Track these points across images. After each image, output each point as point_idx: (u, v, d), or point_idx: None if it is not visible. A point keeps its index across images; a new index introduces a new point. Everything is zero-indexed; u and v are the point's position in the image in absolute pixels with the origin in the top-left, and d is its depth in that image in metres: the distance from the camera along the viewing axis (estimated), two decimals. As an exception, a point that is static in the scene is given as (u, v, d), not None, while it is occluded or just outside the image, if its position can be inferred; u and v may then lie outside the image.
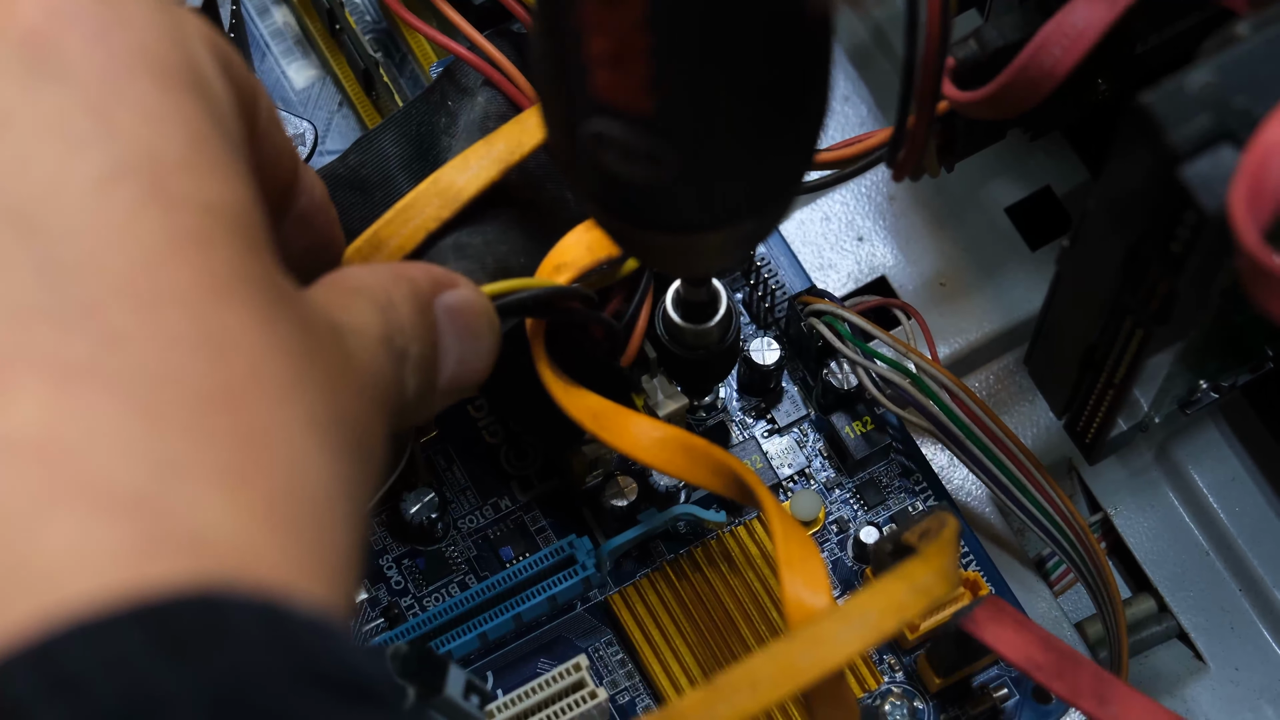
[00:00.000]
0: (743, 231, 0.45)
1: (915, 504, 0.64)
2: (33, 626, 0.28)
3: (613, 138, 0.41)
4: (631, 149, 0.41)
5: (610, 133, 0.41)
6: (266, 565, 0.31)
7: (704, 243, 0.45)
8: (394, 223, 0.55)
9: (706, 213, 0.44)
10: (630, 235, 0.46)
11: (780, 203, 0.46)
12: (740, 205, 0.44)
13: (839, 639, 0.46)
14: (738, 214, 0.44)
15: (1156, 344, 0.51)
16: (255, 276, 0.35)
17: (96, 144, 0.34)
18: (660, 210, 0.44)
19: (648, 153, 0.41)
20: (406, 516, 0.61)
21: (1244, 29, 0.44)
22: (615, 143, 0.41)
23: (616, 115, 0.40)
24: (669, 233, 0.45)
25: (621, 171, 0.42)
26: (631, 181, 0.42)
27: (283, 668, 0.29)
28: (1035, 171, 0.71)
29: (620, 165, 0.41)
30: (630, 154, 0.41)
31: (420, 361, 0.43)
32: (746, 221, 0.45)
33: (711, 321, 0.57)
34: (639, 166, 0.41)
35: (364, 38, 0.68)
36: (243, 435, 0.33)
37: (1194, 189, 0.43)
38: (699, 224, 0.44)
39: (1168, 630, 0.65)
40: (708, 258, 0.48)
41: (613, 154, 0.41)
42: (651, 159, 0.41)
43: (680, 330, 0.57)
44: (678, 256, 0.47)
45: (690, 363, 0.58)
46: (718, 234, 0.45)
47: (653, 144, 0.41)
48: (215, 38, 0.39)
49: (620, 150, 0.41)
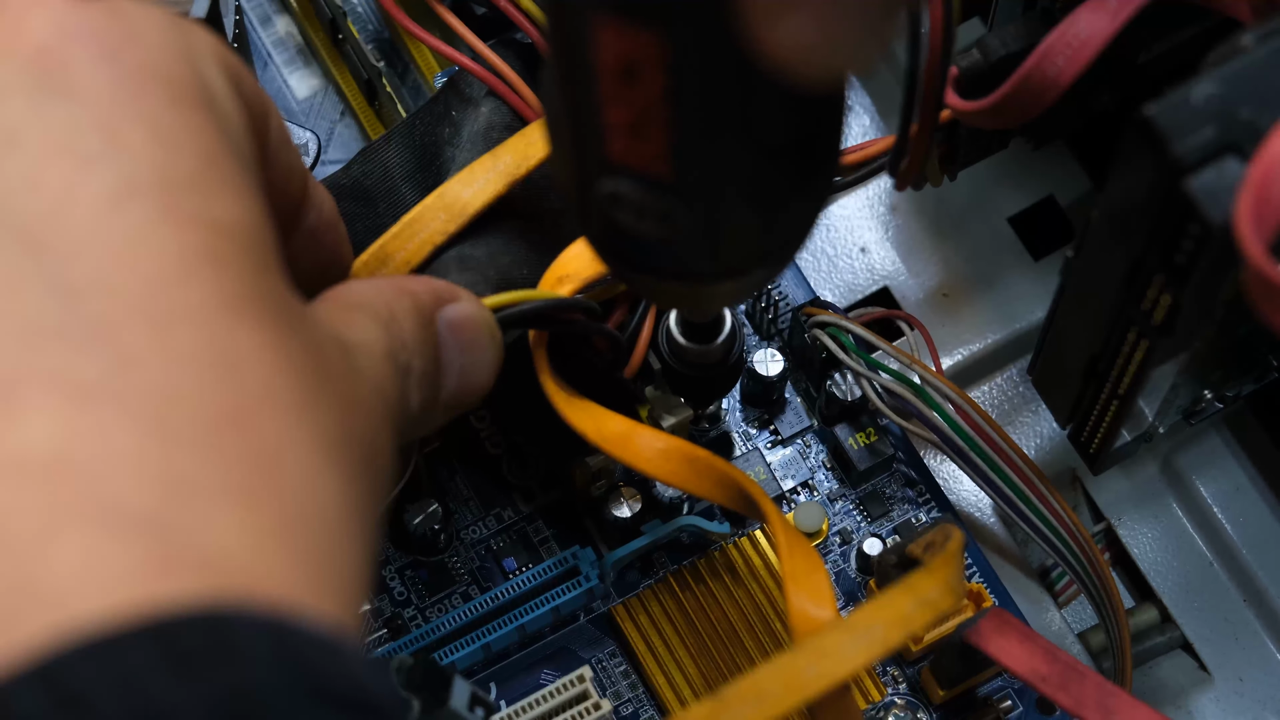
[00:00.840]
0: (752, 280, 0.45)
1: (919, 515, 0.64)
2: (41, 644, 0.28)
3: (627, 197, 0.41)
4: (646, 209, 0.41)
5: (624, 193, 0.41)
6: (276, 584, 0.31)
7: (713, 291, 0.45)
8: (400, 236, 0.55)
9: (717, 265, 0.44)
10: (639, 281, 0.46)
11: (790, 251, 0.46)
12: (750, 257, 0.44)
13: (845, 651, 0.46)
14: (747, 265, 0.44)
15: (1161, 355, 0.51)
16: (266, 295, 0.35)
17: (106, 162, 0.34)
18: (670, 262, 0.44)
19: (662, 213, 0.41)
20: (409, 527, 0.61)
21: (1249, 40, 0.44)
22: (629, 202, 0.41)
23: (632, 177, 0.40)
24: (677, 282, 0.45)
25: (633, 227, 0.42)
26: (644, 237, 0.42)
27: (290, 685, 0.29)
28: (1038, 181, 0.71)
29: (633, 222, 0.42)
30: (644, 213, 0.41)
31: (423, 376, 0.43)
32: (756, 272, 0.45)
33: (715, 342, 0.57)
34: (652, 224, 0.42)
35: (366, 47, 0.68)
36: (253, 455, 0.33)
37: (1198, 201, 0.43)
38: (709, 275, 0.44)
39: (1171, 641, 0.65)
40: (716, 302, 0.48)
41: (626, 212, 0.41)
42: (666, 219, 0.41)
43: (683, 350, 0.57)
44: (685, 300, 0.48)
45: (693, 379, 0.58)
46: (726, 284, 0.45)
47: (667, 205, 0.41)
48: (225, 53, 0.39)
49: (634, 209, 0.41)
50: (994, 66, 0.54)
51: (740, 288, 0.46)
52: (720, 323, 0.57)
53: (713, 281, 0.45)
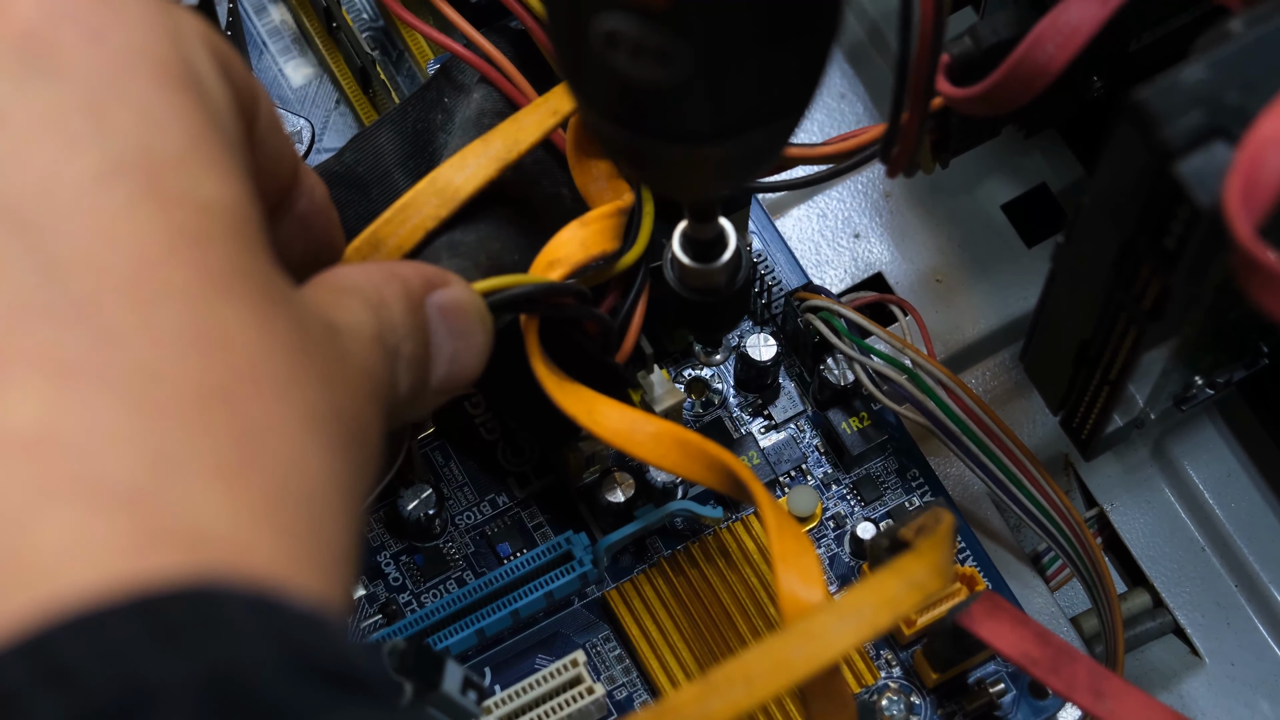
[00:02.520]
0: (749, 144, 0.44)
1: (912, 500, 0.65)
2: (27, 618, 0.28)
3: (624, 34, 0.40)
4: (643, 46, 0.40)
5: (622, 29, 0.40)
6: (262, 559, 0.32)
7: (710, 155, 0.44)
8: (392, 222, 0.55)
9: (715, 119, 0.43)
10: (635, 147, 0.45)
11: (788, 118, 0.45)
12: (748, 114, 0.43)
13: (833, 634, 0.46)
14: (745, 123, 0.44)
15: (1151, 340, 0.51)
16: (251, 274, 0.36)
17: (92, 141, 0.35)
18: (667, 116, 0.43)
19: (659, 49, 0.40)
20: (404, 513, 0.61)
21: (1237, 25, 0.45)
22: (626, 40, 0.40)
23: (629, 8, 0.40)
24: (675, 143, 0.44)
25: (631, 73, 0.41)
26: (641, 84, 0.41)
27: (276, 659, 0.30)
28: (1030, 168, 0.71)
29: (630, 65, 0.41)
30: (641, 52, 0.40)
31: (413, 359, 0.43)
32: (754, 132, 0.44)
33: (719, 262, 0.56)
34: (649, 66, 0.41)
35: (361, 35, 0.68)
36: (239, 431, 0.33)
37: (1188, 185, 0.43)
38: (706, 133, 0.43)
39: (1163, 625, 0.65)
40: (714, 174, 0.46)
41: (623, 53, 0.41)
42: (663, 57, 0.40)
43: (687, 271, 0.56)
44: (682, 171, 0.46)
45: (700, 307, 0.58)
46: (724, 145, 0.44)
47: (665, 40, 0.40)
48: (213, 37, 0.39)
49: (631, 48, 0.40)
50: (985, 54, 0.55)
51: (736, 155, 0.45)
52: (724, 239, 0.56)
53: (710, 140, 0.44)
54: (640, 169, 0.49)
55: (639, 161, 0.46)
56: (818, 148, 0.59)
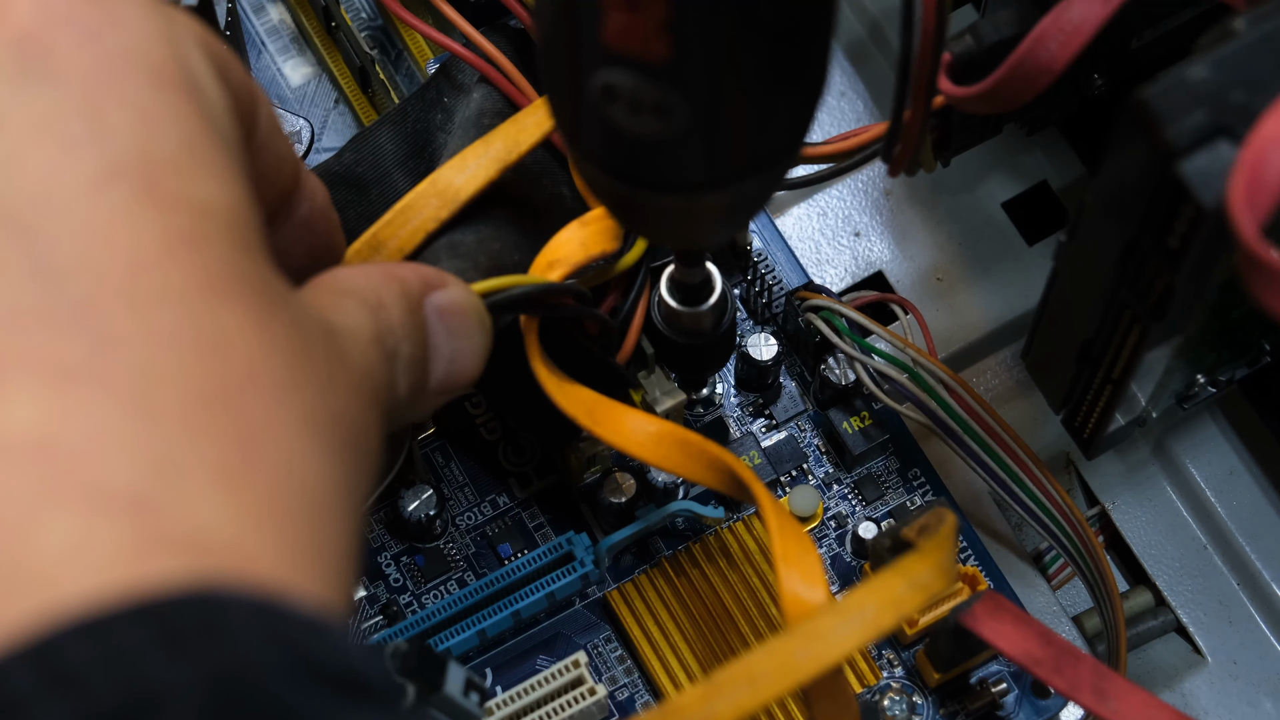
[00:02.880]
0: (744, 193, 0.45)
1: (913, 499, 0.65)
2: (31, 624, 0.28)
3: (622, 88, 0.41)
4: (640, 100, 0.41)
5: (620, 83, 0.41)
6: (263, 563, 0.31)
7: (705, 205, 0.45)
8: (393, 224, 0.55)
9: (710, 170, 0.44)
10: (630, 199, 0.46)
11: (781, 164, 0.46)
12: (743, 163, 0.44)
13: (837, 635, 0.46)
14: (740, 172, 0.44)
15: (1154, 339, 0.51)
16: (249, 276, 0.35)
17: (89, 144, 0.34)
18: (663, 169, 0.44)
19: (656, 104, 0.41)
20: (405, 514, 0.61)
21: (1241, 24, 0.44)
22: (624, 94, 0.41)
23: (627, 64, 0.40)
24: (671, 194, 0.44)
25: (628, 126, 0.42)
26: (638, 137, 0.42)
27: (279, 663, 0.30)
28: (1032, 166, 0.71)
29: (627, 119, 0.41)
30: (639, 106, 0.41)
31: (411, 361, 0.43)
32: (749, 181, 0.44)
33: (706, 305, 0.57)
34: (647, 120, 0.41)
35: (360, 35, 0.68)
36: (239, 434, 0.33)
37: (1192, 184, 0.43)
38: (702, 183, 0.44)
39: (1165, 624, 0.65)
40: (707, 223, 0.47)
41: (620, 107, 0.41)
42: (660, 111, 0.41)
43: (676, 314, 0.57)
44: (678, 222, 0.47)
45: (686, 349, 0.58)
46: (720, 194, 0.44)
47: (663, 94, 0.41)
48: (210, 39, 0.39)
49: (629, 102, 0.41)
50: (987, 52, 0.54)
51: (731, 203, 0.45)
52: (710, 283, 0.57)
53: (707, 190, 0.44)
54: (635, 220, 0.49)
55: (635, 212, 0.47)
56: (818, 146, 0.59)
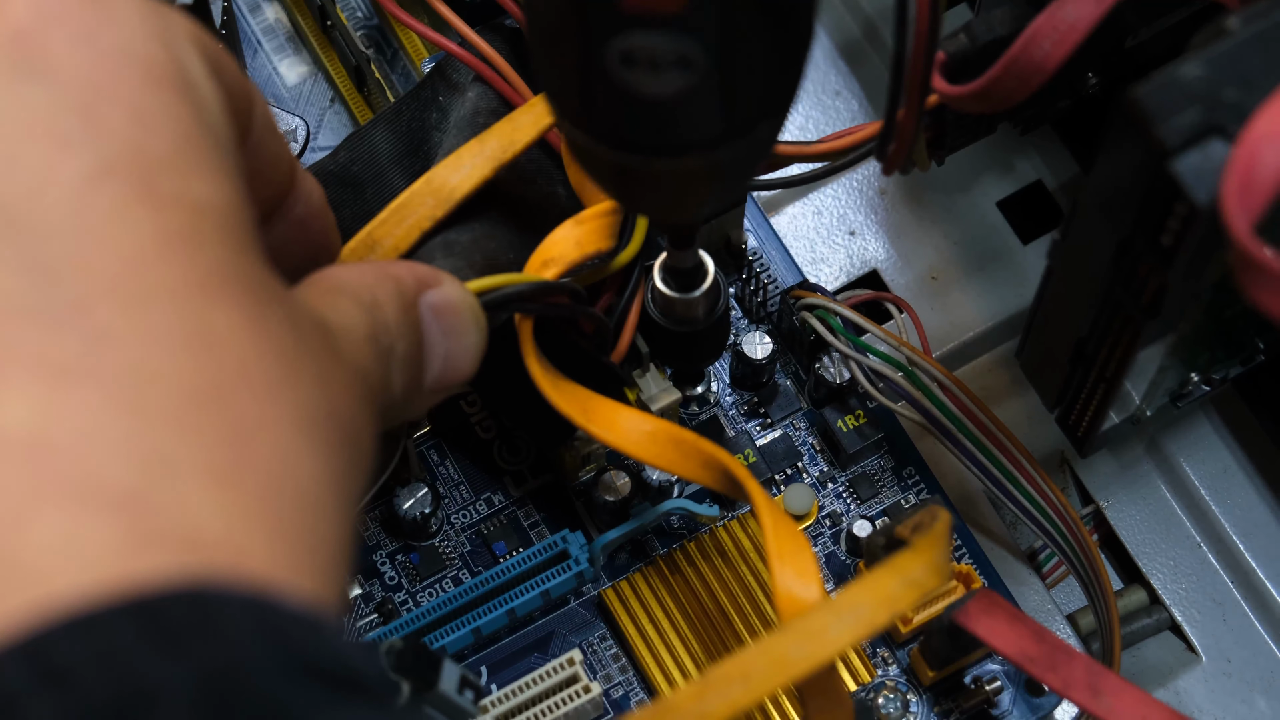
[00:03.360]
0: (758, 139, 0.45)
1: (908, 497, 0.65)
2: (23, 620, 0.28)
3: (641, 50, 0.41)
4: (661, 58, 0.41)
5: (638, 45, 0.40)
6: (255, 560, 0.31)
7: (721, 160, 0.45)
8: (388, 223, 0.55)
9: (729, 120, 0.43)
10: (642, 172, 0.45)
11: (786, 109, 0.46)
12: (758, 107, 0.44)
13: (831, 632, 0.46)
14: (754, 118, 0.44)
15: (1148, 337, 0.51)
16: (243, 274, 0.36)
17: (83, 143, 0.34)
18: (683, 127, 0.43)
19: (678, 57, 0.41)
20: (400, 512, 0.61)
21: (1234, 23, 0.45)
22: (644, 55, 0.41)
23: (644, 23, 0.40)
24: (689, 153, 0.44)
25: (651, 88, 0.41)
26: (660, 98, 0.42)
27: (272, 659, 0.30)
28: (1026, 166, 0.71)
29: (650, 81, 0.41)
30: (660, 64, 0.41)
31: (406, 359, 0.43)
32: (762, 126, 0.44)
33: (698, 290, 0.57)
34: (669, 77, 0.41)
35: (355, 34, 0.68)
36: (231, 431, 0.33)
37: (1185, 182, 0.43)
38: (720, 135, 0.44)
39: (1159, 622, 0.65)
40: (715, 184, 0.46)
41: (641, 70, 0.41)
42: (681, 63, 0.41)
43: (670, 301, 0.57)
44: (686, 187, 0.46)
45: (681, 338, 0.58)
46: (736, 145, 0.44)
47: (683, 46, 0.40)
48: (204, 39, 0.39)
49: (649, 63, 0.41)
50: (981, 51, 0.55)
51: (745, 155, 0.45)
52: (703, 268, 0.56)
53: (724, 143, 0.44)
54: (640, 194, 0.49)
55: (642, 185, 0.46)
56: (813, 145, 0.59)
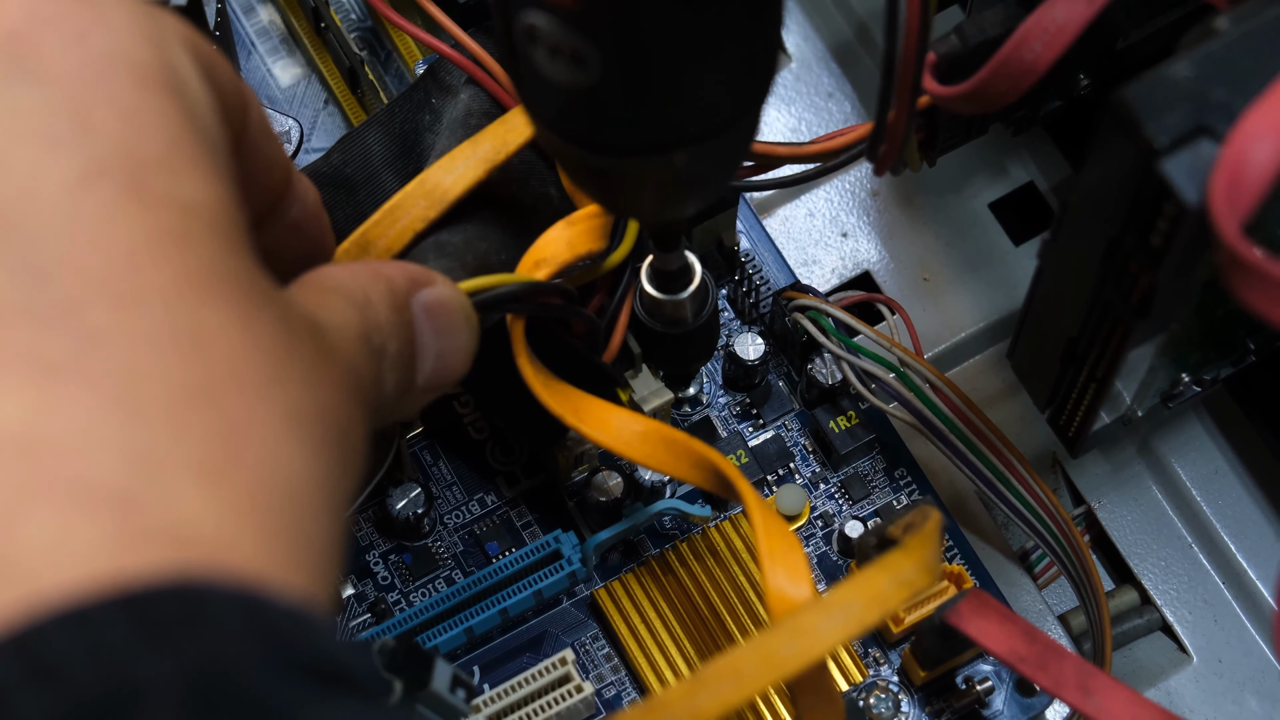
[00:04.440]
0: (674, 166, 0.43)
1: (899, 498, 0.65)
2: (12, 616, 0.29)
3: (541, 31, 0.40)
4: (557, 46, 0.40)
5: (538, 25, 0.40)
6: (245, 557, 0.32)
7: (633, 170, 0.44)
8: (381, 224, 0.55)
9: (634, 133, 0.42)
10: (565, 154, 0.45)
11: (721, 139, 0.44)
12: (669, 129, 0.42)
13: (821, 630, 0.46)
14: (667, 139, 0.43)
15: (1138, 337, 0.51)
16: (234, 274, 0.36)
17: (74, 143, 0.35)
18: (586, 123, 0.43)
19: (572, 51, 0.40)
20: (393, 512, 0.62)
21: (1223, 23, 0.45)
22: (543, 37, 0.40)
23: (542, 5, 0.39)
24: (598, 153, 0.43)
25: (550, 73, 0.41)
26: (559, 85, 0.41)
27: (261, 655, 0.30)
28: (1017, 167, 0.71)
29: (548, 65, 0.41)
30: (556, 51, 0.40)
31: (398, 358, 0.43)
32: (676, 153, 0.43)
33: (685, 293, 0.57)
34: (564, 67, 0.40)
35: (349, 36, 0.68)
36: (222, 430, 0.33)
37: (1174, 182, 0.43)
38: (626, 146, 0.43)
39: (1150, 622, 0.66)
40: (650, 194, 0.45)
41: (541, 50, 0.40)
42: (575, 58, 0.40)
43: (656, 303, 0.57)
44: (621, 188, 0.46)
45: (670, 340, 0.58)
46: (646, 162, 0.43)
47: (575, 40, 0.40)
48: (197, 41, 0.39)
49: (548, 47, 0.40)
50: (972, 52, 0.55)
51: (663, 174, 0.44)
52: (689, 271, 0.56)
53: (630, 154, 0.43)
54: (579, 180, 0.48)
55: (576, 171, 0.46)
56: (805, 146, 0.59)
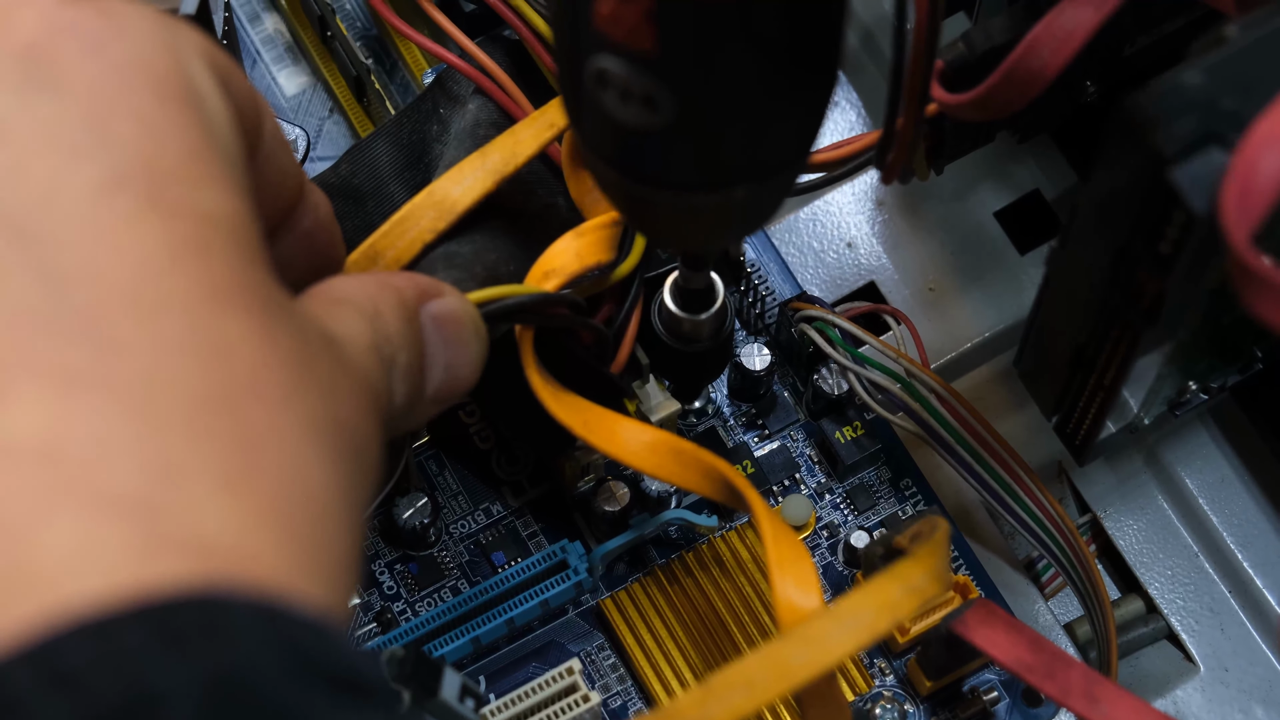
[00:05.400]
0: (735, 200, 0.44)
1: (905, 509, 0.65)
2: (33, 625, 0.29)
3: (613, 76, 0.40)
4: (629, 90, 0.40)
5: (611, 70, 0.40)
6: (264, 567, 0.32)
7: (697, 206, 0.44)
8: (390, 235, 0.55)
9: (698, 171, 0.43)
10: (629, 192, 0.45)
11: (778, 179, 0.45)
12: (734, 168, 0.43)
13: (833, 638, 0.46)
14: (730, 177, 0.44)
15: (1145, 345, 0.51)
16: (252, 285, 0.36)
17: (94, 154, 0.35)
18: (653, 162, 0.43)
19: (645, 95, 0.40)
20: (399, 521, 0.61)
21: (1233, 30, 0.45)
22: (615, 82, 0.40)
23: (617, 51, 0.40)
24: (662, 189, 0.44)
25: (619, 115, 0.41)
26: (628, 127, 0.42)
27: (281, 664, 0.30)
28: (1024, 175, 0.71)
29: (618, 108, 0.41)
30: (628, 95, 0.41)
31: (408, 369, 0.44)
32: (739, 189, 0.44)
33: (707, 313, 0.57)
34: (635, 110, 0.41)
35: (355, 45, 0.68)
36: (241, 440, 0.33)
37: (1183, 190, 0.43)
38: (691, 182, 0.44)
39: (1156, 631, 0.66)
40: (702, 226, 0.46)
41: (611, 94, 0.41)
42: (648, 102, 0.41)
43: (677, 320, 0.57)
44: (673, 221, 0.46)
45: (685, 357, 0.58)
46: (710, 197, 0.44)
47: (650, 85, 0.40)
48: (214, 52, 0.39)
49: (619, 91, 0.41)
50: (979, 59, 0.55)
51: (723, 208, 0.45)
52: (713, 291, 0.57)
53: (695, 190, 0.44)
54: (635, 214, 0.49)
55: (634, 205, 0.46)
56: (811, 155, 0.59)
